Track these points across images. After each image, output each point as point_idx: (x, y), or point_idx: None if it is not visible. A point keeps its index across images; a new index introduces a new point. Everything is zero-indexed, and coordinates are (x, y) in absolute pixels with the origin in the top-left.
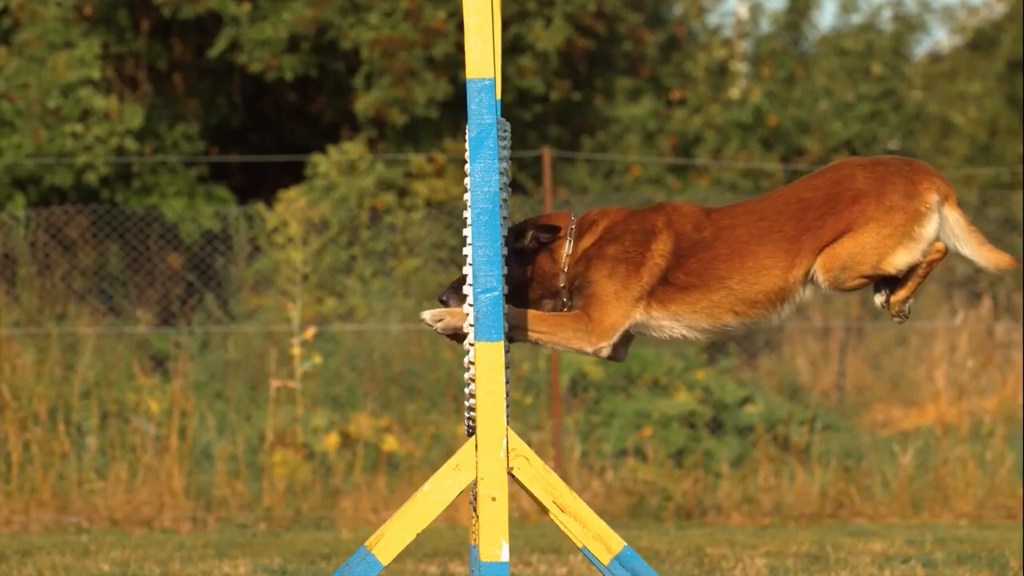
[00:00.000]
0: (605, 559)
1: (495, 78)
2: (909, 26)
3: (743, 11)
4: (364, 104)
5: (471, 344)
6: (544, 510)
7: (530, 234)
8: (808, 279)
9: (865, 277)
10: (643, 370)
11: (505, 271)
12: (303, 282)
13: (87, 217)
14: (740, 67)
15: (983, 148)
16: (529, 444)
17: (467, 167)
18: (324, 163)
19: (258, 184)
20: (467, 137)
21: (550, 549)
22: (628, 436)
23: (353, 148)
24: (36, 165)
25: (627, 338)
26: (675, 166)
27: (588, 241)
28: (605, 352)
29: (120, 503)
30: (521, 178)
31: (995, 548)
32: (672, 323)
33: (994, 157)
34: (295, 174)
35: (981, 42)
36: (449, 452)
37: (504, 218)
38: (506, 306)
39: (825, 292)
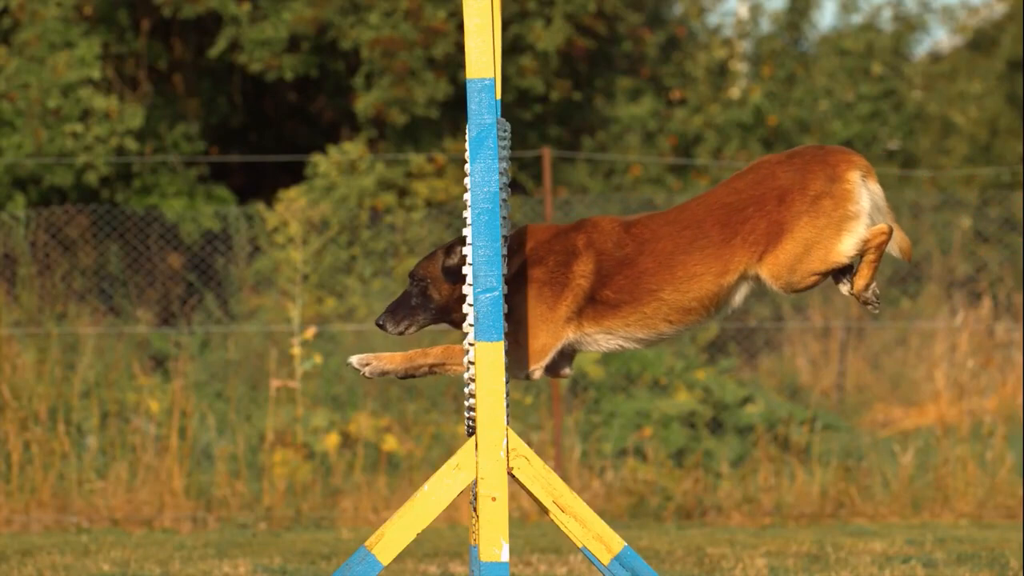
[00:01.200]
0: (605, 559)
1: (495, 78)
2: (909, 26)
3: (743, 11)
4: (364, 104)
5: (471, 344)
6: (544, 510)
7: (458, 251)
8: (744, 280)
9: (819, 274)
10: (643, 370)
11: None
12: (303, 282)
13: (87, 217)
14: (740, 67)
15: (983, 148)
16: (529, 444)
17: (467, 167)
18: (324, 163)
19: (258, 184)
20: (467, 137)
21: (550, 549)
22: (628, 436)
23: (353, 148)
24: (36, 165)
25: (567, 354)
26: (675, 166)
27: (515, 264)
28: (537, 374)
29: (120, 503)
30: (521, 178)
31: (995, 548)
32: (607, 337)
33: (994, 157)
34: (295, 174)
35: (981, 42)
36: (449, 452)
37: (504, 218)
38: (436, 348)
39: (784, 295)
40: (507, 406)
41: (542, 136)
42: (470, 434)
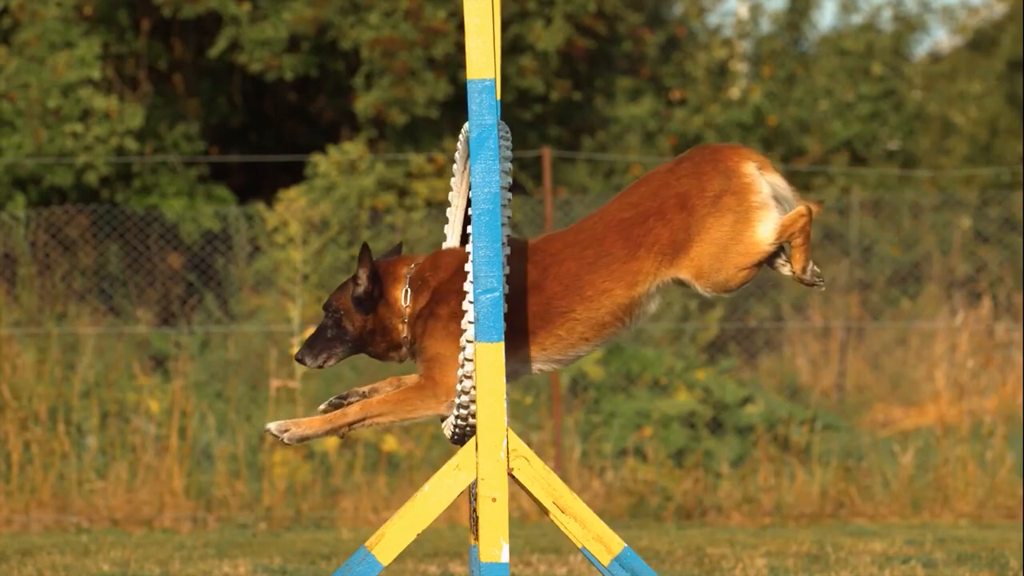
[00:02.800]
0: (605, 560)
1: (495, 79)
2: (909, 26)
3: (743, 11)
4: (364, 104)
5: (468, 341)
6: (544, 511)
7: (361, 278)
8: (659, 288)
9: (746, 268)
10: (643, 370)
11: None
12: (303, 282)
13: (87, 217)
14: (740, 67)
15: (983, 148)
16: (529, 444)
17: (452, 168)
18: (324, 163)
19: (258, 184)
20: (468, 137)
21: (550, 549)
22: (628, 436)
23: (353, 148)
24: (36, 165)
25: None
26: None
27: (422, 301)
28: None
29: (120, 503)
30: (521, 178)
31: (995, 548)
32: (523, 366)
33: (994, 157)
34: (295, 174)
35: (981, 42)
36: (449, 452)
37: (508, 218)
38: (353, 406)
39: (720, 295)
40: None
41: (542, 136)
42: (454, 440)
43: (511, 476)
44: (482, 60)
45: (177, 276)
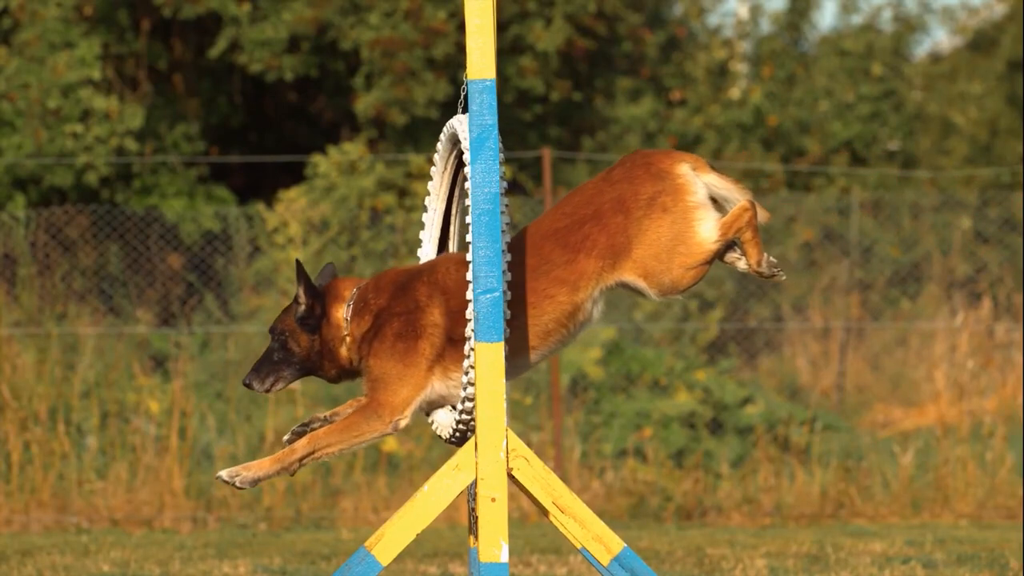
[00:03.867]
0: (605, 560)
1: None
2: (909, 26)
3: (743, 11)
4: (364, 104)
5: (472, 348)
6: (544, 511)
7: (301, 297)
8: (602, 293)
9: (693, 267)
10: (643, 370)
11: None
12: None
13: (87, 217)
14: (740, 67)
15: (983, 148)
16: (529, 444)
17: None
18: (324, 163)
19: (258, 184)
20: (452, 135)
21: (550, 550)
22: (628, 436)
23: (353, 148)
24: (36, 165)
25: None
26: None
27: (367, 323)
28: (404, 422)
29: (120, 503)
30: (521, 178)
31: (995, 548)
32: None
33: (994, 157)
34: (295, 174)
35: (981, 42)
36: (449, 452)
37: (507, 223)
38: (300, 441)
39: (672, 298)
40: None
41: (542, 136)
42: (451, 442)
43: (510, 476)
44: (483, 60)
45: (177, 276)
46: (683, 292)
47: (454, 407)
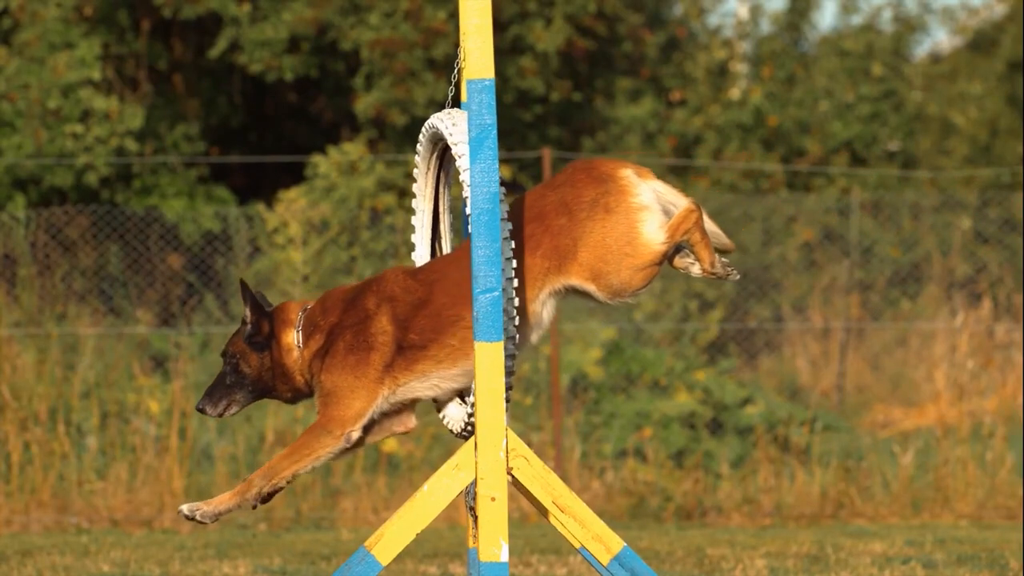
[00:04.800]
0: (604, 559)
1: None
2: (909, 27)
3: (743, 12)
4: (364, 104)
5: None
6: (543, 511)
7: (249, 318)
8: (550, 295)
9: (641, 268)
10: (643, 371)
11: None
12: (303, 283)
13: (87, 217)
14: (740, 68)
15: (983, 149)
16: (529, 445)
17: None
18: (324, 163)
19: (258, 184)
20: (433, 135)
21: (550, 550)
22: (628, 437)
23: (353, 148)
24: (36, 165)
25: (406, 409)
26: (675, 167)
27: (317, 343)
28: (356, 435)
29: (120, 503)
30: (521, 178)
31: (995, 549)
32: (422, 380)
33: (994, 158)
34: (295, 174)
35: (981, 43)
36: (449, 453)
37: (503, 220)
38: (257, 472)
39: (624, 301)
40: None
41: (542, 137)
42: (463, 436)
43: (510, 475)
44: (481, 60)
45: (177, 277)
46: (634, 295)
47: (464, 401)
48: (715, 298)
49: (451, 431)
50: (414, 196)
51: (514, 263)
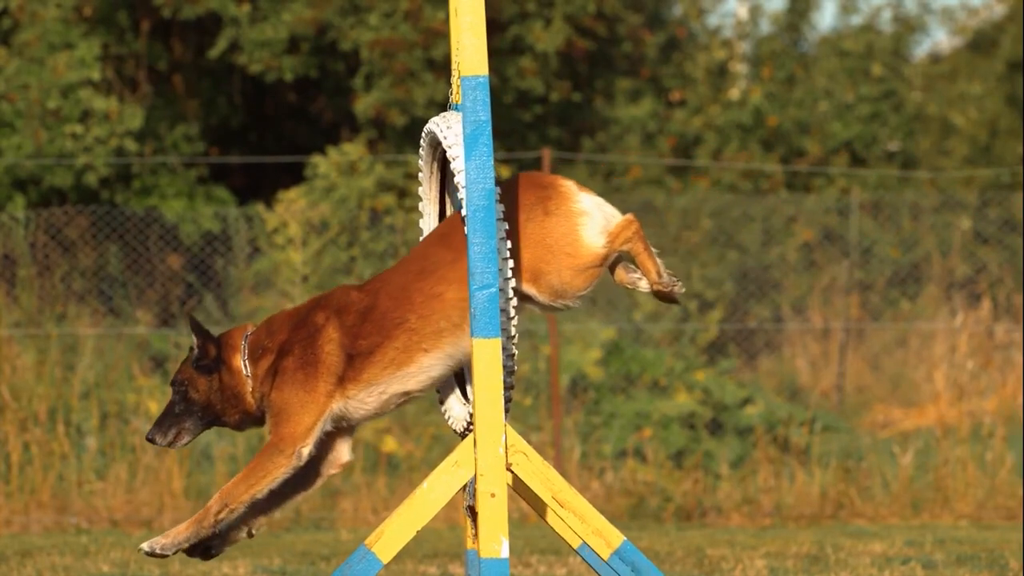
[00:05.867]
0: (605, 554)
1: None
2: (909, 27)
3: (743, 12)
4: (364, 105)
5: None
6: (542, 509)
7: (197, 343)
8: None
9: (579, 270)
10: (643, 371)
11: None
12: (303, 283)
13: (87, 218)
14: (740, 68)
15: (983, 149)
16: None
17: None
18: (324, 164)
19: (258, 185)
20: (433, 139)
21: (550, 550)
22: (628, 437)
23: (353, 149)
24: (36, 166)
25: (343, 434)
26: (675, 167)
27: (265, 363)
28: (308, 451)
29: (120, 504)
30: None
31: (995, 549)
32: (371, 390)
33: (994, 158)
34: (295, 175)
35: (981, 43)
36: (449, 453)
37: (499, 220)
38: (212, 499)
39: (564, 303)
40: (506, 403)
41: (542, 137)
42: (464, 435)
43: (510, 471)
44: (475, 57)
45: (177, 277)
46: (575, 297)
47: (467, 399)
48: (715, 298)
49: (454, 431)
50: (420, 199)
51: (511, 263)
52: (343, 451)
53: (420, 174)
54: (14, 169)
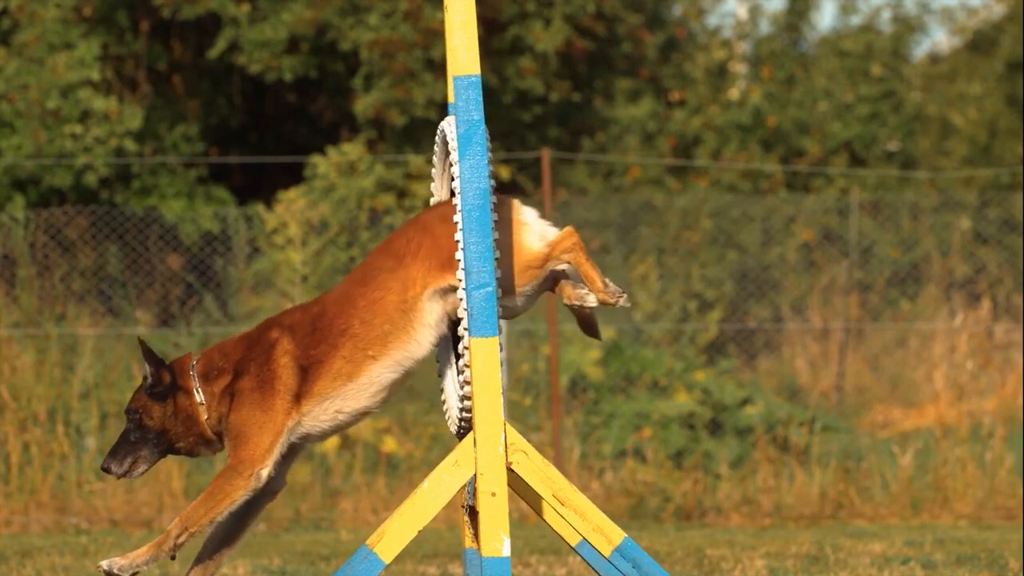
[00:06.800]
0: (606, 551)
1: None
2: (908, 27)
3: (742, 12)
4: (363, 105)
5: (465, 329)
6: (542, 505)
7: (150, 371)
8: (437, 296)
9: (524, 270)
10: (642, 371)
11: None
12: (302, 283)
13: (86, 218)
14: (739, 68)
15: (983, 149)
16: None
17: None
18: (323, 164)
19: (257, 185)
20: (444, 137)
21: (550, 550)
22: (627, 437)
23: (352, 149)
24: (36, 166)
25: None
26: (674, 167)
27: (223, 383)
28: (266, 472)
29: (119, 504)
30: (521, 179)
31: (995, 549)
32: (324, 405)
33: (994, 158)
34: (294, 175)
35: (980, 43)
36: (449, 452)
37: (494, 222)
38: (173, 522)
39: (504, 301)
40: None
41: (541, 137)
42: (460, 435)
43: (510, 470)
44: (467, 56)
45: (176, 277)
46: (517, 295)
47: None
48: (714, 298)
49: (452, 431)
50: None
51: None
52: (281, 475)
53: (433, 171)
54: (14, 169)
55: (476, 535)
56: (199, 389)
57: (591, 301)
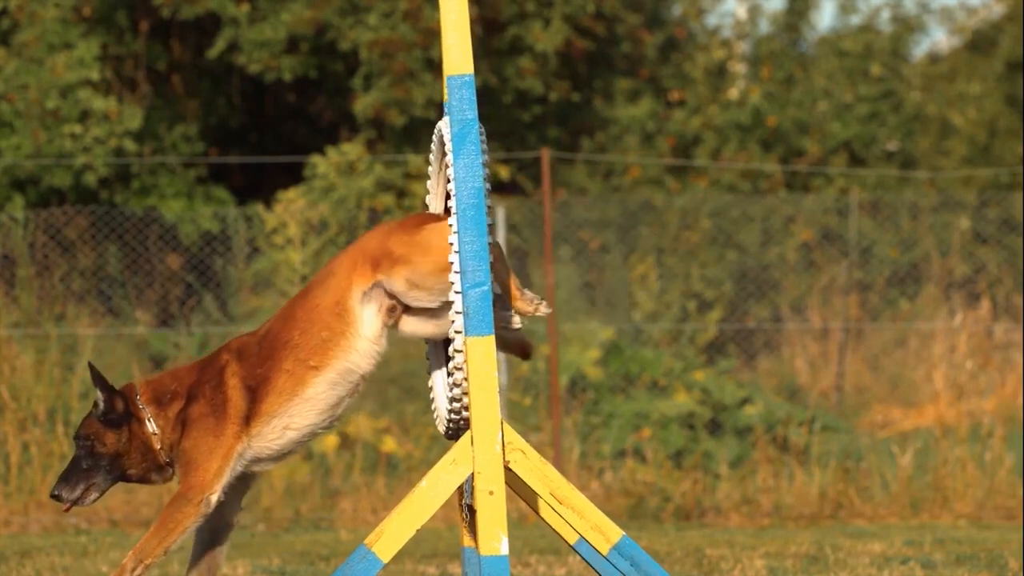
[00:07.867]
0: (604, 549)
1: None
2: (908, 27)
3: (742, 12)
4: (363, 105)
5: (457, 332)
6: (539, 504)
7: (101, 398)
8: (370, 301)
9: (444, 270)
10: (642, 371)
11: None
12: (302, 283)
13: (86, 218)
14: (739, 68)
15: (982, 149)
16: None
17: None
18: (323, 164)
19: (257, 185)
20: (443, 136)
21: (549, 550)
22: (627, 437)
23: (352, 149)
24: (35, 166)
25: (238, 492)
26: (674, 167)
27: (176, 407)
28: (215, 498)
29: (119, 504)
30: (520, 179)
31: (994, 549)
32: (272, 424)
33: (993, 158)
34: (294, 175)
35: (980, 43)
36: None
37: (490, 224)
38: (139, 543)
39: (415, 299)
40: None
41: (541, 137)
42: (448, 436)
43: (507, 469)
44: (461, 55)
45: (176, 277)
46: (429, 292)
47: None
48: (714, 298)
49: (440, 430)
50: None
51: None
52: (236, 513)
53: (430, 168)
54: (13, 169)
55: (474, 534)
56: (150, 417)
57: (516, 323)
